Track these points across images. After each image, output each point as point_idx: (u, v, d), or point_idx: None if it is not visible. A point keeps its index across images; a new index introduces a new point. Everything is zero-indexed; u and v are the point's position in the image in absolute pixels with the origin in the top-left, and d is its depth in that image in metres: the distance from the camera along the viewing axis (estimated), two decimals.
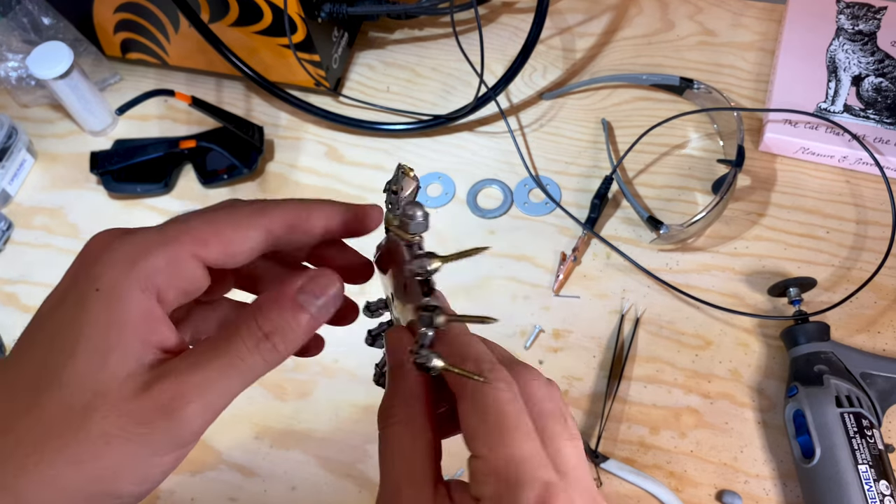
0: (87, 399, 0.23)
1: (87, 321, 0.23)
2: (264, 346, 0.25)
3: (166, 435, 0.23)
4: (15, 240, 0.69)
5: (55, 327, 0.24)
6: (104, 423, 0.22)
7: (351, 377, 0.59)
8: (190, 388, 0.23)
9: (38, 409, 0.23)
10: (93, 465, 0.22)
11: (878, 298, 0.58)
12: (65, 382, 0.23)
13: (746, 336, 0.58)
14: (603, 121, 0.69)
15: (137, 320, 0.24)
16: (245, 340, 0.24)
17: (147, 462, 0.23)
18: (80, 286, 0.24)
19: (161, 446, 0.23)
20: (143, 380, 0.23)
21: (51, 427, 0.22)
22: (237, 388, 0.24)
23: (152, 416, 0.23)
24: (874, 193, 0.62)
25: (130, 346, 0.23)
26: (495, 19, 0.77)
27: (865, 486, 0.47)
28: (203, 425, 0.24)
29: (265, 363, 0.25)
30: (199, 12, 0.65)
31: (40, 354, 0.24)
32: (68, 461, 0.22)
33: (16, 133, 0.70)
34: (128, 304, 0.24)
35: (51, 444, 0.22)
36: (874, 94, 0.64)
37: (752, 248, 0.61)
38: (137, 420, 0.23)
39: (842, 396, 0.50)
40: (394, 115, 0.72)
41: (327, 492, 0.55)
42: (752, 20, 0.73)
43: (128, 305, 0.24)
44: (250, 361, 0.24)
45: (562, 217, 0.64)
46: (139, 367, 0.23)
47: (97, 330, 0.23)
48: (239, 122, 0.68)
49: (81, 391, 0.23)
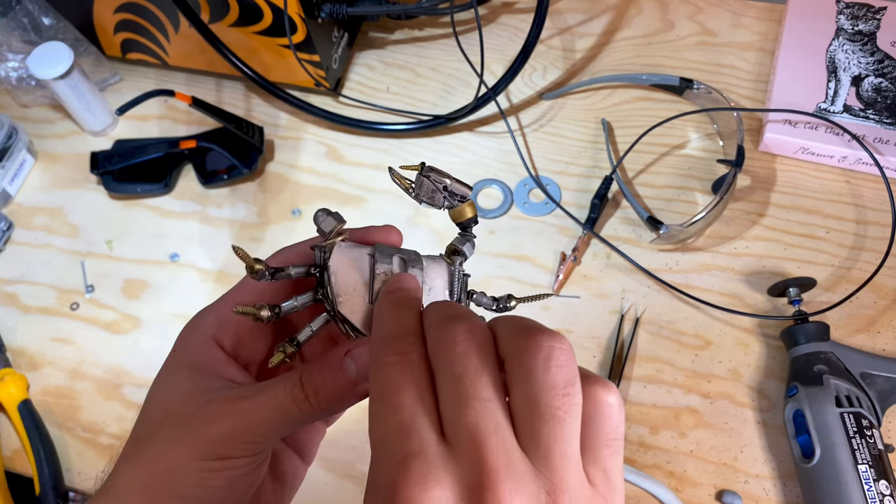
0: (160, 417, 0.29)
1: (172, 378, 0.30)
2: (297, 393, 0.27)
3: (206, 444, 0.27)
4: (15, 240, 0.69)
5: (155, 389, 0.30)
6: (169, 431, 0.28)
7: None
8: (229, 410, 0.27)
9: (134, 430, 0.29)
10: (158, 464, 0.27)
11: (878, 298, 0.58)
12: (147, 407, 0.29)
13: (746, 336, 0.58)
14: (603, 121, 0.69)
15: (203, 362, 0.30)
16: (284, 384, 0.27)
17: (196, 465, 0.27)
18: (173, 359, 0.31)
19: (203, 454, 0.27)
20: (200, 399, 0.28)
21: (138, 440, 0.29)
22: (270, 427, 0.27)
23: (199, 427, 0.27)
24: (874, 193, 0.62)
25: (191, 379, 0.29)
26: (495, 19, 0.77)
27: (865, 485, 0.47)
28: (232, 448, 0.27)
29: (299, 412, 0.27)
30: (199, 12, 0.65)
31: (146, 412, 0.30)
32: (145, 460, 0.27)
33: (16, 133, 0.70)
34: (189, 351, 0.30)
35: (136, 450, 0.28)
36: (874, 94, 0.64)
37: (752, 248, 0.61)
38: (188, 431, 0.27)
39: (841, 396, 0.50)
40: (394, 116, 0.72)
41: (327, 492, 0.55)
42: (752, 20, 0.73)
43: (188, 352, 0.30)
44: (284, 404, 0.27)
45: (562, 217, 0.64)
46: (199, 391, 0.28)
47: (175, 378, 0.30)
48: (239, 123, 0.68)
49: (158, 410, 0.29)
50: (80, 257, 0.67)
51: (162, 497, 0.27)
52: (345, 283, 0.28)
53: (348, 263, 0.29)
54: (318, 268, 0.29)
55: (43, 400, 0.61)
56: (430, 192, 0.29)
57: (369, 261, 0.29)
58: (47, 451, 0.57)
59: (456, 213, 0.30)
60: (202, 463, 0.27)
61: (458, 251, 0.30)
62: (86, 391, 0.61)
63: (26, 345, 0.64)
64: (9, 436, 0.60)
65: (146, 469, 0.27)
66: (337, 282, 0.28)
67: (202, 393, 0.28)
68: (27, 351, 0.63)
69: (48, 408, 0.61)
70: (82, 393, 0.61)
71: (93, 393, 0.61)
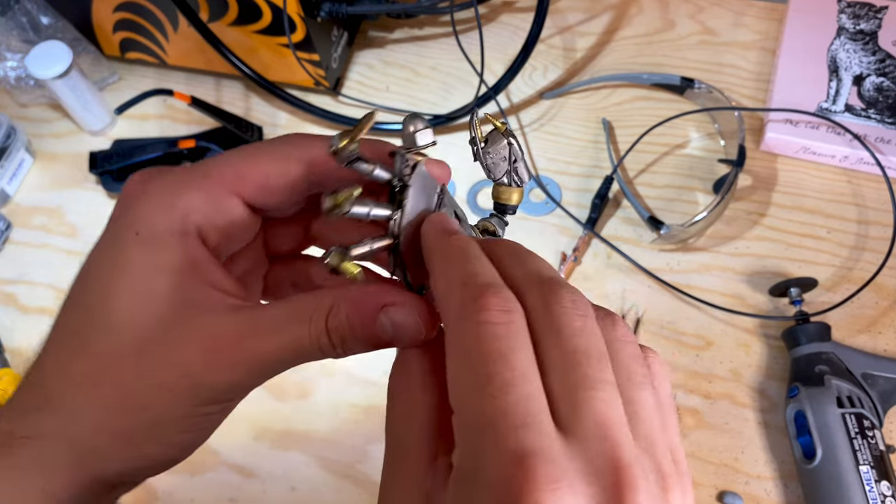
0: (137, 346, 0.22)
1: (131, 267, 0.23)
2: (325, 342, 0.23)
3: (208, 390, 0.23)
4: (14, 240, 0.69)
5: (101, 273, 0.24)
6: (155, 371, 0.22)
7: (350, 377, 0.59)
8: (241, 352, 0.23)
9: (88, 355, 0.23)
10: (142, 413, 0.22)
11: (880, 299, 0.58)
12: (114, 329, 0.23)
13: (747, 336, 0.57)
14: (603, 120, 0.68)
15: (182, 264, 0.23)
16: (311, 329, 0.23)
17: (191, 412, 0.23)
18: (120, 232, 0.24)
19: (203, 399, 0.23)
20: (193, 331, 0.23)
21: (104, 373, 0.22)
22: (285, 366, 0.24)
23: (197, 368, 0.22)
24: (875, 193, 0.62)
25: (178, 293, 0.23)
26: (495, 18, 0.77)
27: (867, 486, 0.46)
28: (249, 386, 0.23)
29: (320, 354, 0.24)
30: (198, 12, 0.65)
31: (88, 300, 0.24)
32: (120, 407, 0.22)
33: (14, 133, 0.70)
34: (170, 248, 0.23)
35: (102, 391, 0.22)
36: (875, 93, 0.64)
37: (753, 248, 0.61)
38: (184, 371, 0.22)
39: (843, 397, 0.50)
40: (393, 115, 0.72)
41: (327, 492, 0.55)
42: (753, 19, 0.73)
43: (170, 250, 0.23)
44: (307, 348, 0.24)
45: (562, 217, 0.64)
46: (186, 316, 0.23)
47: (142, 276, 0.23)
48: (238, 122, 0.68)
49: (132, 338, 0.22)
50: (79, 257, 0.67)
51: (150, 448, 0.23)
52: (413, 211, 0.24)
53: (422, 192, 0.25)
54: (400, 181, 0.25)
55: None
56: (499, 156, 0.27)
57: (436, 199, 0.26)
58: None
59: (505, 192, 0.28)
60: (199, 409, 0.23)
61: (491, 231, 0.28)
62: None
63: (25, 345, 0.63)
64: None
65: (136, 418, 0.23)
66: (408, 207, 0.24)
67: (189, 311, 0.23)
68: (26, 351, 0.63)
69: None
70: None
71: None
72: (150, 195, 0.24)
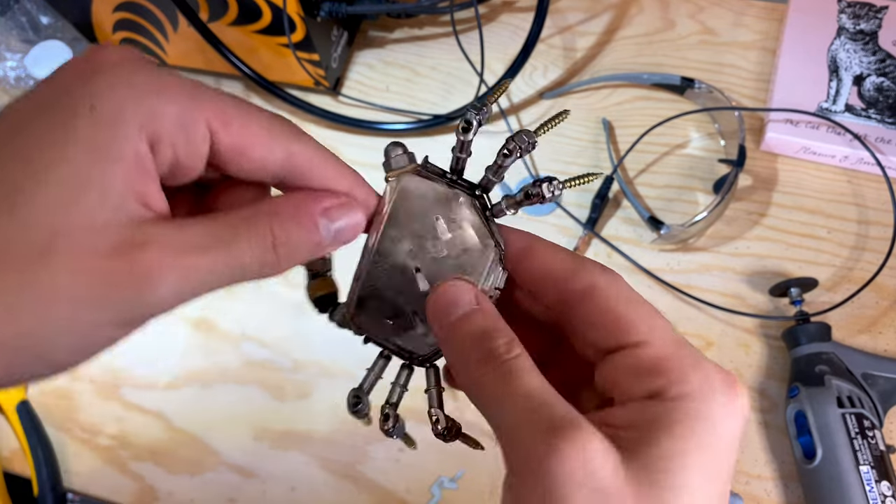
0: (47, 239, 0.19)
1: (72, 141, 0.19)
2: (268, 255, 0.22)
3: (127, 307, 0.20)
4: None
5: (30, 136, 0.20)
6: (62, 274, 0.19)
7: (350, 378, 0.59)
8: (174, 266, 0.20)
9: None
10: (33, 319, 0.19)
11: (880, 299, 0.58)
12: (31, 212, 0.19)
13: (747, 336, 0.57)
14: (603, 120, 0.68)
15: (129, 160, 0.20)
16: (250, 241, 0.22)
17: (94, 331, 0.20)
18: (73, 97, 0.20)
19: (117, 317, 0.20)
20: (119, 235, 0.19)
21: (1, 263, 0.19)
22: (221, 283, 0.22)
23: (120, 281, 0.19)
24: (876, 193, 0.62)
25: (114, 188, 0.19)
26: (495, 18, 0.77)
27: (867, 486, 0.46)
28: (169, 308, 0.21)
29: (259, 271, 0.22)
30: (198, 11, 0.65)
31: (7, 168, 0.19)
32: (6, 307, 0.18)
33: None
34: (124, 137, 0.20)
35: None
36: (876, 93, 0.64)
37: (754, 248, 0.61)
38: (102, 280, 0.19)
39: (843, 397, 0.49)
40: (393, 115, 0.72)
41: (327, 493, 0.55)
42: (754, 19, 0.73)
43: (123, 139, 0.20)
44: (247, 263, 0.22)
45: (562, 217, 0.64)
46: (118, 216, 0.20)
47: (80, 156, 0.19)
48: None
49: (45, 228, 0.19)
50: None
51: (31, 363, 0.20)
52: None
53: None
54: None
55: (41, 401, 0.61)
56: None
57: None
58: (46, 452, 0.57)
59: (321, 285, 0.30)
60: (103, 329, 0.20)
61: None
62: (84, 392, 0.61)
63: None
64: (7, 437, 0.60)
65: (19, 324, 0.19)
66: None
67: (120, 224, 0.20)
68: None
69: (46, 409, 0.60)
70: (81, 394, 0.61)
71: (91, 394, 0.61)
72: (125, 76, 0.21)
